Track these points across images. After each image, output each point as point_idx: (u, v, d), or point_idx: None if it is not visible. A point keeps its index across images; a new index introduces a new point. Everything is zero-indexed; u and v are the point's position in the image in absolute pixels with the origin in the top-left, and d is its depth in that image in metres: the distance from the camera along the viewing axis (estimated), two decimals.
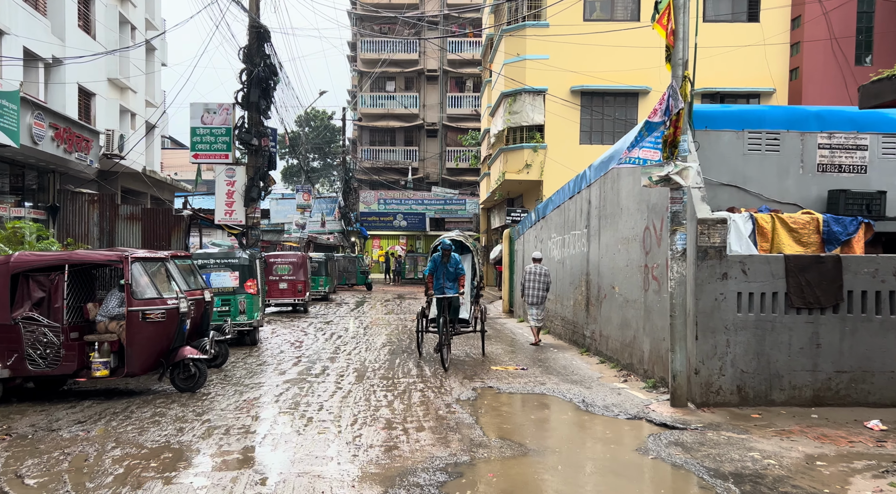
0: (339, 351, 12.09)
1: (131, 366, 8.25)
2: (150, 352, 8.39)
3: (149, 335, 8.32)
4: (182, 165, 42.01)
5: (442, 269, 10.74)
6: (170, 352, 8.59)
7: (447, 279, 10.73)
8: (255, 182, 15.57)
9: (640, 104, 19.73)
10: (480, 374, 9.67)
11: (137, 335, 8.25)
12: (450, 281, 10.72)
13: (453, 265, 10.72)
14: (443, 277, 10.74)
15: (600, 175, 10.62)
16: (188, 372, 8.62)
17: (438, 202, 42.39)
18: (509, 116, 19.86)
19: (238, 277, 12.91)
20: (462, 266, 10.89)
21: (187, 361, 8.58)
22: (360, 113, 43.35)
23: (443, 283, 10.73)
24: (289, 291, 20.40)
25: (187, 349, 8.66)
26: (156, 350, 8.43)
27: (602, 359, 10.21)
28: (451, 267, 10.70)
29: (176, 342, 8.65)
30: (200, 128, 15.69)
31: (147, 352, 8.35)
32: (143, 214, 19.42)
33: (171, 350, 8.61)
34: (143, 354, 8.31)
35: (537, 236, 15.32)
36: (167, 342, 8.54)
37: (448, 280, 10.73)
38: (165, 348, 8.54)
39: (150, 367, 8.48)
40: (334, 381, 9.24)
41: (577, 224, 11.97)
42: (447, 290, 10.64)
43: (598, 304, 10.60)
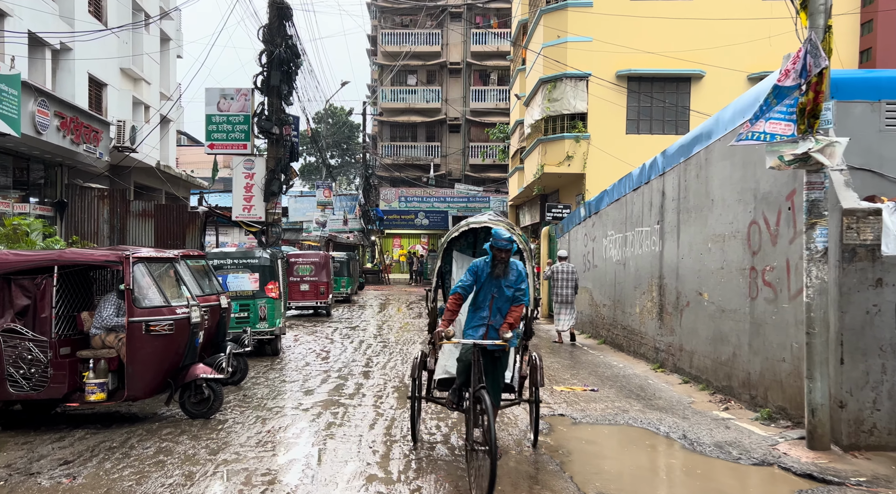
0: (371, 364, 10.65)
1: (133, 388, 6.86)
2: (156, 371, 6.99)
3: (153, 350, 6.93)
4: (197, 162, 40.87)
5: (491, 287, 5.52)
6: (179, 371, 7.19)
7: (496, 311, 5.54)
8: (276, 175, 14.19)
9: (693, 90, 18.11)
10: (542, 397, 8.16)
11: (140, 350, 6.86)
12: (500, 314, 5.55)
13: (513, 283, 5.49)
14: (490, 304, 5.54)
15: (679, 162, 9.08)
16: (201, 395, 7.21)
17: (461, 200, 40.91)
18: (549, 103, 18.33)
19: (258, 279, 11.52)
20: (526, 284, 5.64)
21: (200, 382, 7.18)
22: (380, 108, 41.98)
23: (488, 317, 5.54)
24: (310, 293, 19.04)
25: (200, 366, 7.26)
26: (162, 369, 7.03)
27: (685, 378, 8.67)
28: (507, 286, 5.48)
29: (186, 358, 7.25)
30: (216, 115, 14.33)
31: (152, 371, 6.95)
32: (156, 210, 18.16)
33: (181, 369, 7.21)
34: (146, 373, 6.92)
35: (588, 233, 13.78)
36: (176, 359, 7.14)
37: (497, 312, 5.55)
38: (174, 366, 7.14)
39: (155, 389, 7.08)
40: (372, 404, 7.79)
41: (645, 219, 10.43)
42: (492, 330, 5.52)
43: (677, 313, 9.06)
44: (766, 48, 16.79)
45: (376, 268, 37.83)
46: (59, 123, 15.44)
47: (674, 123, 18.28)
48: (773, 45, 16.07)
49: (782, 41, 16.63)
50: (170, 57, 28.39)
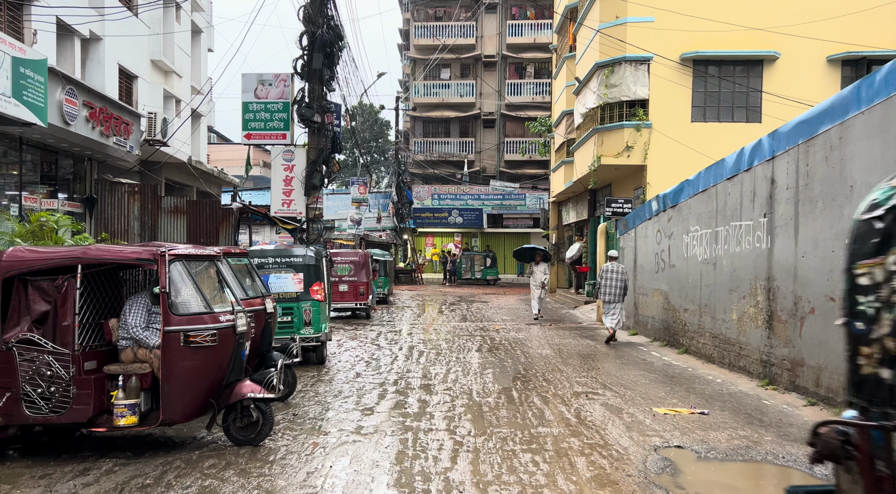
0: (430, 376, 9.47)
1: (169, 411, 5.76)
2: (196, 390, 5.88)
3: (194, 366, 5.82)
4: (228, 160, 40.16)
5: None
6: (223, 389, 6.08)
7: None
8: (318, 167, 13.12)
9: (766, 74, 16.64)
10: (643, 420, 6.92)
11: (177, 366, 5.76)
12: None
13: None
14: None
15: (797, 143, 7.74)
16: (248, 418, 6.08)
17: (496, 197, 39.65)
18: (605, 89, 16.99)
19: (302, 279, 10.41)
20: None
21: (247, 402, 6.06)
22: (413, 103, 40.87)
23: None
24: (350, 293, 17.93)
25: (247, 384, 6.14)
26: (203, 387, 5.93)
27: (809, 399, 7.33)
28: None
29: (232, 374, 6.14)
30: (254, 103, 13.31)
31: (191, 390, 5.85)
32: (188, 207, 17.25)
33: (225, 387, 6.10)
34: (185, 393, 5.82)
35: (662, 229, 12.45)
36: (219, 376, 6.03)
37: None
38: (217, 383, 6.03)
39: (195, 411, 5.97)
40: (446, 428, 6.60)
41: (745, 212, 9.10)
42: None
43: (796, 321, 7.72)
44: (849, 26, 15.29)
45: (409, 267, 36.74)
46: (87, 114, 14.53)
47: (744, 110, 16.83)
48: (860, 22, 14.60)
49: (872, 17, 15.15)
50: (201, 50, 27.58)
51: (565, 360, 10.80)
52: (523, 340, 13.32)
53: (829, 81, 16.60)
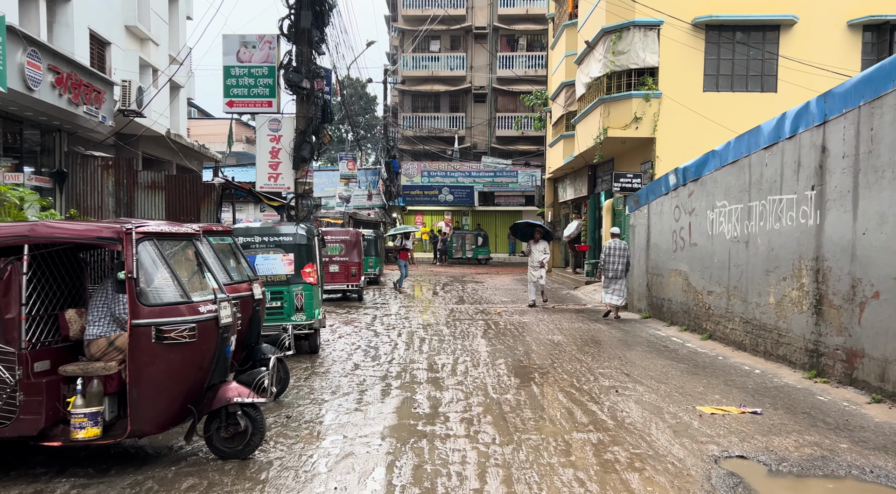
0: (436, 367, 8.55)
1: (139, 420, 4.79)
2: (172, 395, 4.91)
3: (169, 366, 4.85)
4: (209, 135, 38.67)
5: None
6: (204, 393, 5.12)
7: None
8: (307, 137, 12.00)
9: (783, 40, 15.67)
10: (690, 422, 6.05)
11: (149, 366, 4.78)
12: None
13: None
14: None
15: (857, 105, 6.81)
16: (235, 427, 5.12)
17: (488, 174, 38.61)
18: (613, 56, 15.94)
19: (293, 260, 9.40)
20: None
21: (234, 408, 5.09)
22: (401, 76, 39.52)
23: None
24: (341, 275, 16.94)
25: (233, 386, 5.17)
26: (181, 391, 4.95)
27: (876, 396, 6.49)
28: None
29: (214, 375, 5.16)
30: (236, 67, 12.16)
31: (166, 395, 4.88)
32: (167, 182, 16.06)
33: (207, 390, 5.13)
34: (159, 399, 4.85)
35: (681, 205, 11.53)
36: (200, 377, 5.05)
37: None
38: (197, 386, 5.06)
39: (171, 419, 5.00)
40: (465, 435, 5.68)
41: (787, 185, 8.19)
42: None
43: (853, 307, 6.86)
44: None
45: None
46: (53, 80, 13.29)
47: (759, 79, 15.89)
48: None
49: None
50: (179, 17, 26.09)
51: (581, 348, 9.92)
52: (529, 324, 12.43)
53: (850, 47, 15.70)
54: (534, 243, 15.27)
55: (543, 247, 15.15)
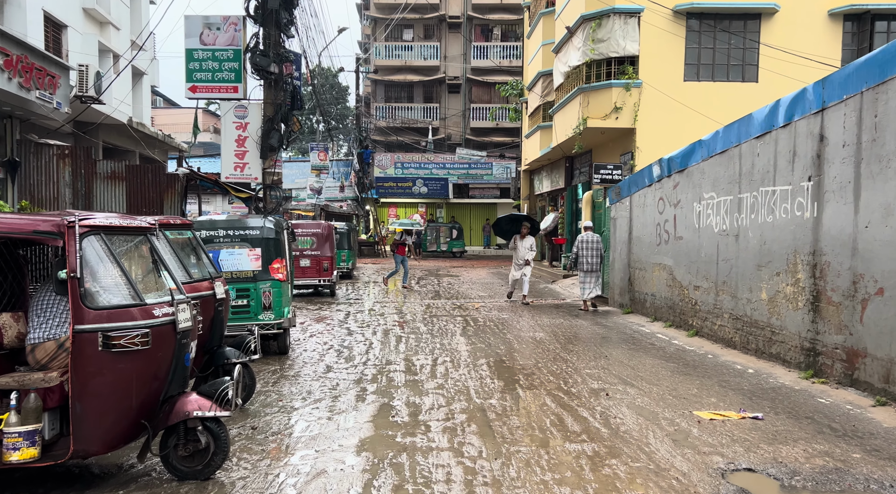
0: (414, 367, 8.06)
1: (84, 439, 4.22)
2: (122, 410, 4.35)
3: (118, 378, 4.29)
4: (176, 124, 37.51)
5: None
6: (160, 406, 4.56)
7: None
8: (276, 124, 11.36)
9: (764, 29, 15.41)
10: (689, 430, 5.65)
11: (95, 378, 4.22)
12: None
13: None
14: None
15: (859, 90, 6.46)
16: (195, 445, 4.57)
17: (462, 166, 38.10)
18: (592, 44, 15.53)
19: (260, 255, 8.80)
20: None
21: (193, 423, 4.55)
22: (373, 65, 38.77)
23: None
24: (312, 269, 16.33)
25: (192, 398, 4.63)
26: (132, 406, 4.39)
27: (880, 398, 6.16)
28: None
29: (172, 386, 4.62)
30: (199, 50, 11.45)
31: (115, 410, 4.32)
32: (127, 172, 15.26)
33: (164, 402, 4.58)
34: (107, 414, 4.29)
35: (665, 197, 11.18)
36: (155, 389, 4.51)
37: None
38: (152, 399, 4.51)
39: (121, 437, 4.44)
40: (449, 447, 5.21)
41: (781, 175, 7.84)
42: None
43: (854, 304, 6.53)
44: None
45: (372, 240, 35.08)
46: (1, 62, 12.43)
47: (740, 68, 15.63)
48: None
49: None
50: (141, 1, 25.05)
51: (564, 346, 9.52)
52: (509, 321, 12.00)
53: (831, 37, 15.52)
54: (520, 238, 14.23)
55: (530, 243, 14.23)
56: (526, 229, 14.19)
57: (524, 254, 14.08)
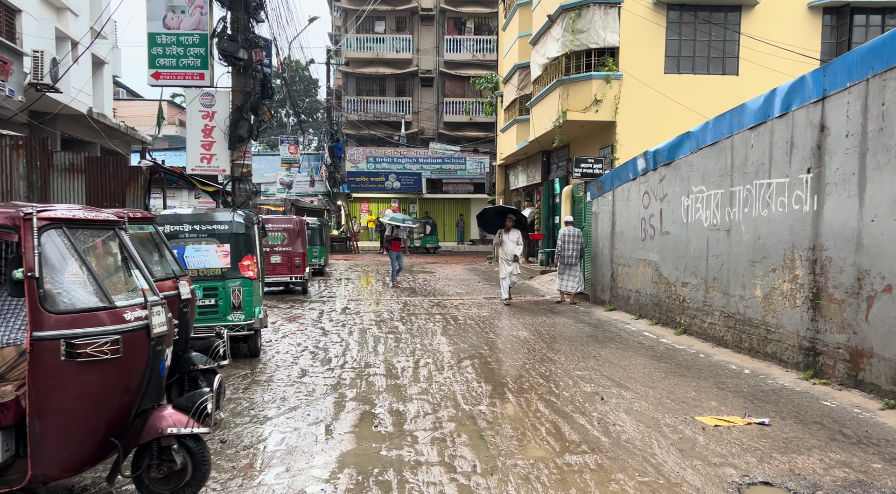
0: (395, 370, 7.59)
1: (43, 461, 3.69)
2: (88, 428, 3.84)
3: (84, 391, 3.77)
4: (141, 116, 36.29)
5: None
6: (132, 421, 4.05)
7: None
8: (245, 114, 10.76)
9: (744, 21, 15.23)
10: (695, 438, 5.30)
11: (57, 392, 3.70)
12: None
13: None
14: None
15: (867, 76, 6.16)
16: (170, 464, 4.07)
17: (436, 161, 37.60)
18: (572, 35, 15.19)
19: (229, 252, 8.24)
20: None
21: (168, 441, 4.04)
22: (345, 57, 38.03)
23: None
24: (283, 266, 15.71)
25: (168, 413, 4.12)
26: (100, 422, 3.87)
27: (889, 401, 5.88)
28: None
29: (145, 399, 4.11)
30: (162, 34, 10.77)
31: (81, 428, 3.80)
32: (87, 164, 14.42)
33: (136, 417, 4.07)
34: (70, 433, 3.76)
35: (650, 191, 10.86)
36: (126, 403, 3.99)
37: None
38: (123, 414, 3.99)
39: (87, 458, 3.91)
40: (439, 461, 4.77)
41: (777, 167, 7.55)
42: None
43: (859, 301, 6.25)
44: None
45: (344, 235, 34.43)
46: None
47: (720, 61, 15.43)
48: None
49: None
50: None
51: (550, 345, 9.14)
52: (490, 319, 11.59)
53: (810, 30, 15.41)
54: (505, 232, 13.52)
55: (517, 237, 13.51)
56: (511, 223, 13.49)
57: (511, 249, 13.42)
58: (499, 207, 14.65)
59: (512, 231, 13.47)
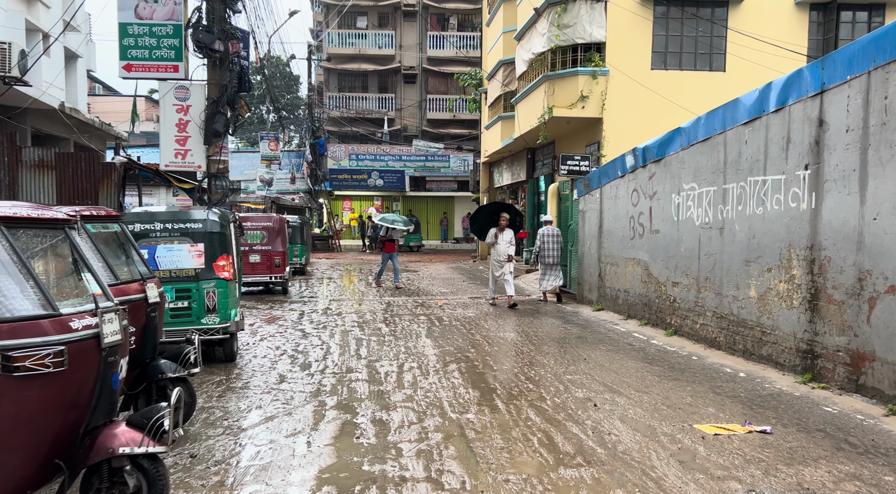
0: (378, 376, 7.26)
1: None
2: (28, 449, 3.45)
3: (22, 409, 3.38)
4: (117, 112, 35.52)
5: None
6: (80, 440, 3.68)
7: None
8: (221, 107, 10.35)
9: (731, 16, 15.06)
10: (695, 448, 5.03)
11: None
12: None
13: None
14: None
15: (869, 68, 5.95)
16: (122, 488, 3.71)
17: (419, 158, 37.23)
18: (558, 30, 14.92)
19: (203, 251, 7.85)
20: None
21: (120, 462, 3.68)
22: (326, 53, 37.53)
23: None
24: (263, 265, 15.30)
25: (121, 431, 3.76)
26: (42, 442, 3.49)
27: (893, 407, 5.65)
28: None
29: (95, 415, 3.73)
30: (134, 24, 10.32)
31: (19, 450, 3.41)
32: (57, 160, 13.95)
33: (85, 435, 3.70)
34: (7, 456, 3.37)
35: (640, 188, 10.62)
36: (73, 420, 3.61)
37: None
38: (68, 432, 3.61)
39: (29, 482, 3.52)
40: (426, 477, 4.46)
41: (773, 164, 7.32)
42: None
43: (860, 302, 6.02)
44: None
45: (326, 234, 33.97)
46: None
47: (707, 57, 15.26)
48: None
49: None
50: None
51: (539, 347, 8.86)
52: (476, 320, 11.30)
53: (797, 26, 15.30)
54: (500, 232, 12.81)
55: (510, 238, 12.86)
56: (505, 222, 12.77)
57: (504, 249, 12.79)
58: (492, 204, 13.86)
59: (506, 231, 12.83)
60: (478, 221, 13.50)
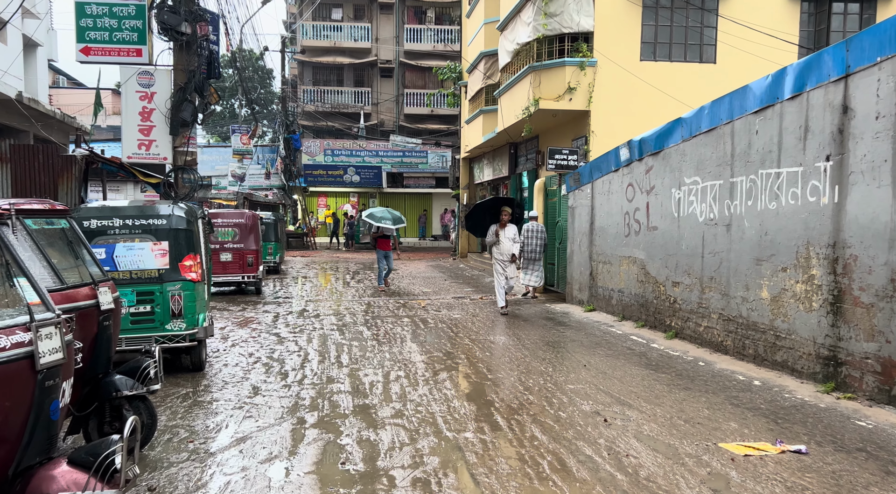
0: (362, 387, 6.60)
1: None
2: None
3: None
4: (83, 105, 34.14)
5: None
6: (11, 483, 3.00)
7: None
8: (188, 95, 9.56)
9: (722, 6, 14.61)
10: (726, 473, 4.47)
11: None
12: None
13: None
14: None
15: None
16: None
17: (396, 154, 36.47)
18: (545, 19, 14.33)
19: (167, 250, 7.10)
20: None
21: None
22: (301, 45, 36.58)
23: None
24: (234, 264, 14.53)
25: (59, 471, 3.12)
26: None
27: None
28: None
29: (28, 452, 3.07)
30: (93, 4, 9.47)
31: None
32: (12, 153, 12.98)
33: (16, 477, 3.01)
34: None
35: (635, 182, 10.08)
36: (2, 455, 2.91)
37: None
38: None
39: None
40: None
41: (788, 155, 6.80)
42: None
43: (894, 305, 5.51)
44: None
45: (300, 231, 33.08)
46: None
47: (697, 48, 14.81)
48: None
49: None
50: None
51: (534, 352, 8.27)
52: (463, 321, 10.68)
53: (788, 18, 14.92)
54: (501, 228, 11.22)
55: (513, 234, 11.26)
56: (507, 216, 11.19)
57: (508, 247, 11.21)
58: (489, 200, 12.08)
59: (508, 227, 11.22)
60: (473, 217, 11.92)
